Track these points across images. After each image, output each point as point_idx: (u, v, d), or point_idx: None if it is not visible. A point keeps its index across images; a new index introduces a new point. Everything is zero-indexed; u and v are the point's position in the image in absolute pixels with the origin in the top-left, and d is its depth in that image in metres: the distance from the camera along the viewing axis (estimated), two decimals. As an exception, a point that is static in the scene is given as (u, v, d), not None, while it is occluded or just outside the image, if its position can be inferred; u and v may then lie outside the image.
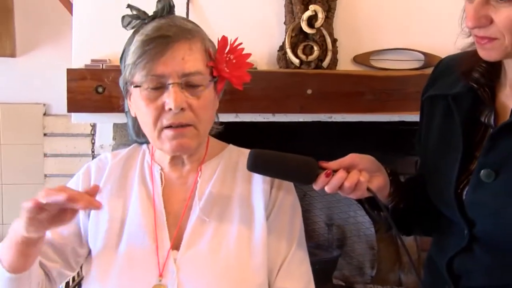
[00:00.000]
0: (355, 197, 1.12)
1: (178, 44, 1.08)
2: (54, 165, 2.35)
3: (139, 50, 1.08)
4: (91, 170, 1.24)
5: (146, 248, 1.14)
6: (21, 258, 1.05)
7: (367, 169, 1.11)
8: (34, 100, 2.33)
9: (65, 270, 1.20)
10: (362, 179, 1.08)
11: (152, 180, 1.21)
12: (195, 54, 1.11)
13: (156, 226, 1.16)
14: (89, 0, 1.76)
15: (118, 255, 1.14)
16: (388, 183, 1.15)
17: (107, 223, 1.17)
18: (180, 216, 1.18)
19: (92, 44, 1.73)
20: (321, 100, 1.70)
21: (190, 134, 1.13)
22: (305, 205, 2.26)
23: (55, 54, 2.27)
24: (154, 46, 1.07)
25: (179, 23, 1.12)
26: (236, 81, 1.17)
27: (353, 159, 1.11)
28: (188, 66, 1.09)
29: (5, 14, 2.21)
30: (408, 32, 1.82)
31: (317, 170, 1.09)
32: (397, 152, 2.15)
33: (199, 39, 1.13)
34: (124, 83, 1.15)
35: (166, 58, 1.07)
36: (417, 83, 1.63)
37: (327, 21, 1.74)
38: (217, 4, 1.78)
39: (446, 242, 1.16)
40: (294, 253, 1.19)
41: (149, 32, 1.09)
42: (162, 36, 1.08)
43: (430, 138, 1.19)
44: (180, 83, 1.09)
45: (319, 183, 1.09)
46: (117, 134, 1.93)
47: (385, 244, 2.30)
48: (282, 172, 1.12)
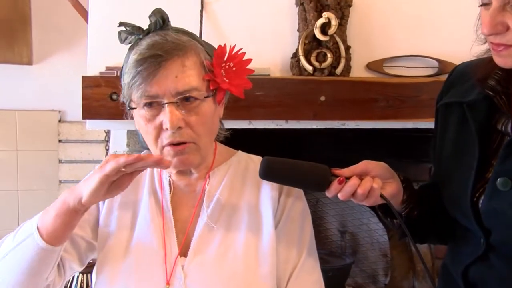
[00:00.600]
0: (368, 204, 1.11)
1: (170, 62, 1.06)
2: (69, 171, 2.37)
3: (132, 71, 1.07)
4: None
5: (154, 254, 1.14)
6: (65, 229, 1.05)
7: (380, 176, 1.10)
8: (49, 107, 2.35)
9: (76, 264, 1.20)
10: (375, 186, 1.07)
11: (161, 187, 1.21)
12: (189, 71, 1.08)
13: (165, 232, 1.16)
14: (104, 9, 1.79)
15: (126, 260, 1.15)
16: (401, 190, 1.14)
17: (116, 228, 1.18)
18: (188, 223, 1.18)
19: (107, 51, 1.75)
20: (334, 107, 1.70)
21: (191, 150, 1.12)
22: (318, 212, 2.26)
23: (71, 62, 2.30)
24: (146, 67, 1.05)
25: (172, 38, 1.08)
26: (235, 90, 1.14)
27: (366, 166, 1.10)
28: (181, 84, 1.07)
29: (23, 23, 2.23)
30: (422, 39, 1.81)
31: (330, 177, 1.09)
32: (410, 159, 2.14)
33: (194, 53, 1.10)
34: (124, 99, 1.14)
35: (158, 78, 1.06)
36: (431, 90, 1.63)
37: (340, 28, 1.74)
38: (230, 11, 1.79)
39: (461, 251, 1.15)
40: (304, 261, 1.18)
41: (142, 50, 1.07)
42: (154, 56, 1.05)
43: (445, 146, 1.18)
44: (175, 102, 1.07)
45: (332, 190, 1.08)
46: (130, 140, 1.95)
47: (398, 251, 2.28)
48: (294, 180, 1.12)
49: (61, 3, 2.13)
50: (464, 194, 1.07)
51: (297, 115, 1.71)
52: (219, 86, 1.12)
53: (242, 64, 1.15)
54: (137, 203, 1.20)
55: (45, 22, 2.30)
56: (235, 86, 1.14)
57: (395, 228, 1.23)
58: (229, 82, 1.13)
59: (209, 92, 1.11)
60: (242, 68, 1.16)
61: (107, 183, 1.00)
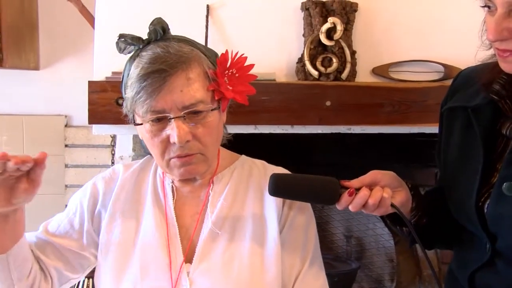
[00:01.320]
0: (378, 214, 1.10)
1: (174, 76, 1.05)
2: (75, 175, 2.37)
3: (136, 86, 1.05)
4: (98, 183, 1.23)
5: (159, 261, 1.13)
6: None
7: (389, 185, 1.09)
8: (56, 112, 2.36)
9: (67, 272, 1.20)
10: (385, 196, 1.06)
11: (164, 193, 1.20)
12: (194, 84, 1.07)
13: (169, 239, 1.15)
14: (110, 15, 1.80)
15: (131, 268, 1.14)
16: (410, 199, 1.13)
17: (120, 235, 1.17)
18: (192, 229, 1.17)
19: (113, 57, 1.74)
20: (340, 112, 1.70)
21: (198, 160, 1.12)
22: (324, 217, 2.25)
23: (77, 67, 2.31)
24: (150, 82, 1.04)
25: (174, 50, 1.06)
26: (240, 98, 1.13)
27: (374, 176, 1.10)
28: (187, 98, 1.06)
29: (30, 29, 2.25)
30: (427, 44, 1.81)
31: (339, 190, 1.07)
32: (416, 163, 2.13)
33: (197, 64, 1.08)
34: (127, 111, 1.13)
35: (164, 93, 1.04)
36: (437, 94, 1.63)
37: (346, 33, 1.74)
38: (236, 17, 1.80)
39: (467, 256, 1.15)
40: (309, 266, 1.18)
41: (144, 64, 1.05)
42: (158, 71, 1.04)
43: (449, 151, 1.18)
44: (181, 116, 1.06)
45: (343, 203, 1.07)
46: (136, 145, 1.95)
47: (404, 256, 2.28)
48: (304, 195, 1.10)
49: (68, 9, 2.14)
50: (469, 199, 1.07)
51: (302, 120, 1.71)
52: (223, 95, 1.11)
53: (244, 69, 1.14)
54: (141, 210, 1.20)
55: (52, 28, 2.31)
56: (239, 93, 1.13)
57: (404, 235, 1.22)
58: (233, 90, 1.12)
59: (214, 104, 1.10)
60: (245, 74, 1.14)
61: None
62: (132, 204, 1.20)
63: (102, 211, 1.20)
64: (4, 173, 0.99)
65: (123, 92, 1.13)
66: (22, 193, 1.02)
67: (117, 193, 1.21)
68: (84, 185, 1.26)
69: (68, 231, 1.20)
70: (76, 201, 1.24)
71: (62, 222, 1.22)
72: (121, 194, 1.21)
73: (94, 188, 1.23)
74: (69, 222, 1.21)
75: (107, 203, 1.20)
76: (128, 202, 1.20)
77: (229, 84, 1.12)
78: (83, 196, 1.23)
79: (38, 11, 2.31)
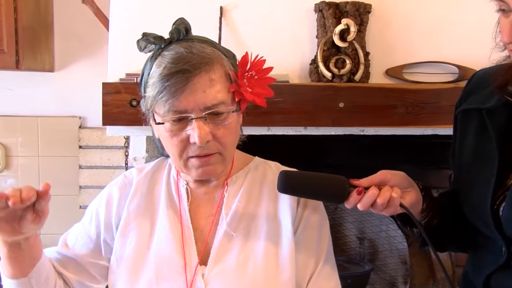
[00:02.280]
0: (387, 214, 1.10)
1: (198, 77, 1.05)
2: (89, 176, 2.39)
3: (159, 85, 1.05)
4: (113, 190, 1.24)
5: (173, 263, 1.13)
6: (12, 263, 1.09)
7: (398, 185, 1.09)
8: (70, 113, 2.38)
9: (90, 283, 1.22)
10: (394, 195, 1.06)
11: (178, 195, 1.20)
12: (216, 85, 1.07)
13: (184, 241, 1.15)
14: (124, 17, 1.81)
15: (145, 270, 1.14)
16: (420, 199, 1.13)
17: (134, 239, 1.18)
18: (207, 231, 1.17)
19: (127, 58, 1.77)
20: (353, 114, 1.70)
21: (216, 161, 1.12)
22: (337, 219, 2.25)
23: (91, 69, 2.33)
24: (173, 82, 1.04)
25: (197, 51, 1.06)
26: (258, 100, 1.13)
27: (384, 176, 1.09)
28: (210, 99, 1.06)
29: (45, 31, 2.27)
30: (441, 45, 1.80)
31: (348, 188, 1.08)
32: (430, 165, 2.12)
33: (219, 66, 1.08)
34: (146, 109, 1.13)
35: (187, 93, 1.04)
36: (451, 96, 1.62)
37: (359, 34, 1.74)
38: (249, 18, 1.80)
39: (482, 260, 1.14)
40: (322, 267, 1.18)
41: (167, 64, 1.05)
42: (181, 71, 1.04)
43: (464, 153, 1.17)
44: (203, 116, 1.06)
45: (351, 202, 1.07)
46: (150, 146, 1.96)
47: (418, 259, 2.26)
48: (313, 193, 1.11)
49: (82, 12, 2.16)
50: (484, 202, 1.06)
51: (315, 121, 1.71)
52: (243, 97, 1.11)
53: (263, 72, 1.14)
54: (155, 212, 1.20)
55: (67, 30, 2.33)
56: (258, 95, 1.13)
57: (415, 236, 1.22)
58: (252, 92, 1.12)
59: (234, 105, 1.11)
60: (263, 76, 1.14)
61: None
62: (146, 207, 1.20)
63: (117, 217, 1.20)
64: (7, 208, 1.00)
65: (143, 90, 1.12)
66: (30, 224, 1.03)
67: (131, 197, 1.21)
68: (99, 194, 1.26)
69: (85, 242, 1.22)
70: (91, 210, 1.25)
71: (79, 233, 1.23)
72: (135, 198, 1.21)
73: (108, 196, 1.24)
74: (86, 232, 1.22)
75: (121, 209, 1.21)
76: (142, 205, 1.20)
77: (248, 86, 1.12)
78: (98, 206, 1.23)
79: (54, 14, 2.33)
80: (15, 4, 1.99)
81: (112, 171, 2.38)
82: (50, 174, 2.36)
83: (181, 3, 1.78)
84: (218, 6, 1.79)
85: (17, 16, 2.00)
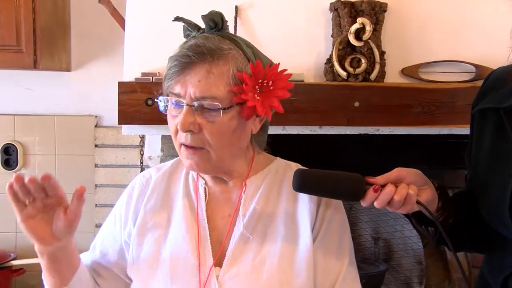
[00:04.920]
0: (404, 212, 1.09)
1: (197, 66, 1.06)
2: (104, 175, 2.40)
3: (169, 64, 1.10)
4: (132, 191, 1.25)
5: (188, 263, 1.13)
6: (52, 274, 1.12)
7: (414, 183, 1.08)
8: (86, 113, 2.40)
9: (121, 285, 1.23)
10: (411, 192, 1.06)
11: (196, 194, 1.20)
12: (214, 79, 1.06)
13: (199, 241, 1.15)
14: (140, 17, 1.82)
15: (160, 270, 1.14)
16: (436, 197, 1.12)
17: (151, 238, 1.18)
18: (224, 232, 1.16)
19: (142, 58, 1.78)
20: (368, 113, 1.69)
21: (201, 157, 1.11)
22: (352, 218, 2.24)
23: (108, 68, 2.34)
24: (176, 64, 1.08)
25: (211, 43, 1.08)
26: (261, 109, 1.09)
27: (400, 173, 1.09)
28: (202, 89, 1.06)
29: (63, 31, 2.29)
30: (458, 44, 1.79)
31: (364, 186, 1.07)
32: (445, 165, 2.11)
33: (225, 63, 1.07)
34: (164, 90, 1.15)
35: (183, 77, 1.07)
36: (468, 95, 1.60)
37: (375, 33, 1.73)
38: (264, 17, 1.80)
39: (500, 261, 1.12)
40: (347, 271, 1.17)
41: (182, 48, 1.10)
42: (184, 56, 1.07)
43: (481, 153, 1.16)
44: (192, 105, 1.07)
45: (368, 199, 1.07)
46: (165, 145, 1.97)
47: (433, 259, 2.25)
48: (329, 191, 1.10)
49: (99, 12, 2.17)
50: (502, 203, 1.05)
51: (330, 121, 1.71)
52: (245, 102, 1.08)
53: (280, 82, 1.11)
54: (172, 211, 1.20)
55: (84, 30, 2.35)
56: (264, 105, 1.10)
57: (430, 236, 1.21)
58: (260, 100, 1.09)
59: (227, 105, 1.08)
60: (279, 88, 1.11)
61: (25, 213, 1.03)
62: (162, 206, 1.21)
63: (134, 216, 1.22)
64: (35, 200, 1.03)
65: None
66: (63, 228, 1.06)
67: (148, 197, 1.22)
68: (121, 195, 1.28)
69: (112, 244, 1.24)
70: (115, 213, 1.26)
71: (105, 237, 1.26)
72: (152, 197, 1.22)
73: (128, 197, 1.25)
74: (111, 235, 1.25)
75: (139, 208, 1.22)
76: (159, 204, 1.21)
77: (260, 94, 1.10)
78: (121, 206, 1.25)
79: (70, 14, 2.35)
80: (34, 5, 2.02)
81: (127, 170, 2.40)
82: (66, 173, 2.37)
83: (196, 3, 1.78)
84: (233, 6, 1.79)
85: (35, 17, 2.03)
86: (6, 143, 2.35)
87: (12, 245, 2.36)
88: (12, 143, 2.35)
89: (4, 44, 2.01)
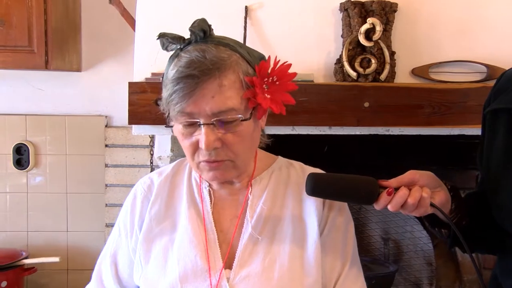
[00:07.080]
0: (417, 215, 1.09)
1: (207, 82, 1.02)
2: (114, 175, 2.41)
3: (170, 88, 1.05)
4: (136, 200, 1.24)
5: (198, 268, 1.12)
6: None
7: (427, 185, 1.07)
8: (97, 113, 2.41)
9: None
10: (425, 195, 1.05)
11: (201, 197, 1.19)
12: (227, 91, 1.04)
13: (207, 245, 1.14)
14: (150, 17, 1.83)
15: (169, 275, 1.13)
16: (449, 199, 1.11)
17: (158, 244, 1.17)
18: (231, 234, 1.16)
19: (153, 58, 1.79)
20: (378, 113, 1.68)
21: (227, 167, 1.10)
22: (361, 219, 2.23)
23: (118, 69, 2.35)
24: (182, 87, 1.02)
25: (211, 56, 1.04)
26: (276, 108, 1.08)
27: (413, 176, 1.08)
28: (218, 105, 1.03)
29: (73, 32, 2.31)
30: (469, 44, 1.78)
31: (378, 189, 1.06)
32: (456, 166, 2.10)
33: (232, 71, 1.05)
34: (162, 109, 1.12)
35: (195, 98, 1.03)
36: (479, 96, 1.60)
37: (385, 33, 1.72)
38: (274, 17, 1.80)
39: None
40: (348, 270, 1.17)
41: (180, 67, 1.04)
42: (190, 76, 1.02)
43: (493, 154, 1.15)
44: (211, 123, 1.04)
45: (381, 203, 1.06)
46: (175, 145, 1.98)
47: (443, 260, 2.24)
48: (342, 195, 1.09)
49: (109, 12, 2.18)
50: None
51: (340, 121, 1.70)
52: (259, 104, 1.07)
53: (286, 78, 1.10)
54: (177, 216, 1.19)
55: (94, 31, 2.36)
56: (277, 102, 1.09)
57: (443, 238, 1.20)
58: (271, 98, 1.08)
59: (247, 113, 1.07)
60: (285, 82, 1.10)
61: None
62: (167, 212, 1.20)
63: (140, 223, 1.21)
64: None
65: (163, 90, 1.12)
66: None
67: (152, 203, 1.21)
68: (124, 203, 1.26)
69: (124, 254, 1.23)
70: (119, 222, 1.26)
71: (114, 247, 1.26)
72: (156, 203, 1.21)
73: (132, 206, 1.24)
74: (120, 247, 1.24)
75: (143, 216, 1.21)
76: (163, 210, 1.20)
77: (268, 91, 1.09)
78: (124, 217, 1.24)
79: (81, 15, 2.36)
80: (45, 6, 2.04)
81: (137, 170, 2.41)
82: (77, 172, 2.39)
83: (206, 3, 1.79)
84: (243, 6, 1.79)
85: (47, 18, 2.05)
86: (18, 143, 2.36)
87: (24, 244, 2.38)
88: (24, 143, 2.36)
89: (16, 45, 2.03)
